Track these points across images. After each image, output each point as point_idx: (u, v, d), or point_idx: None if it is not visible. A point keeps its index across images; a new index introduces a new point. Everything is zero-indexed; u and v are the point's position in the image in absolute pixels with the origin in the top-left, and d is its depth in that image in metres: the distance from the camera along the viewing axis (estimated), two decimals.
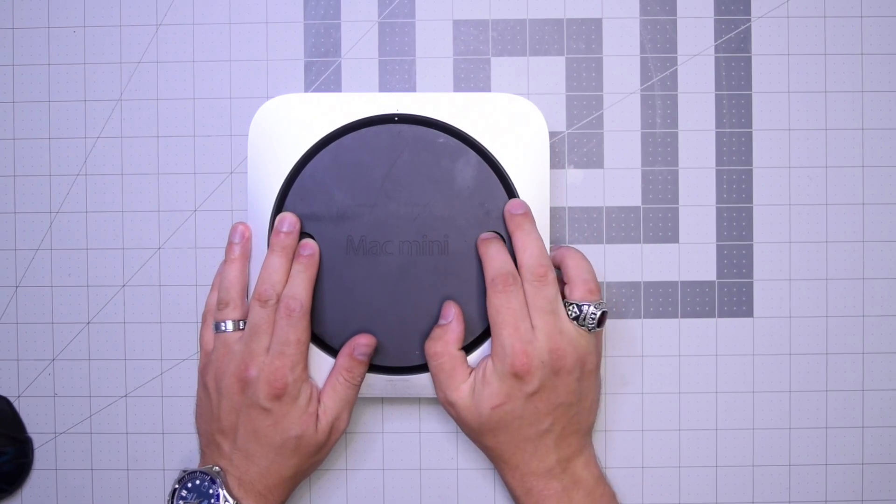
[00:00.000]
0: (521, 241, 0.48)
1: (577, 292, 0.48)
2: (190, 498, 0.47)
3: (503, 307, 0.47)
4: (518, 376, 0.46)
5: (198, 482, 0.47)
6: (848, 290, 0.53)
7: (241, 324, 0.49)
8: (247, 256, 0.50)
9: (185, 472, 0.47)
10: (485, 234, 0.49)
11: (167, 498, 0.47)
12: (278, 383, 0.47)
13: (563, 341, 0.46)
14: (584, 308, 0.47)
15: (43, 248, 0.54)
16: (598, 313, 0.47)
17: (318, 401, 0.49)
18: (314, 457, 0.49)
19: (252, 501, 0.47)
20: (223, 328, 0.49)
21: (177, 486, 0.47)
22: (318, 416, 0.48)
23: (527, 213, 0.49)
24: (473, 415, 0.47)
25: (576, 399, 0.48)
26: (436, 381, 0.49)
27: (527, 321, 0.47)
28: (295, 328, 0.47)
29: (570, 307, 0.47)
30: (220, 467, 0.48)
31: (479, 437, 0.49)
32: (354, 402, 0.50)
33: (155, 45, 0.53)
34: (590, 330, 0.47)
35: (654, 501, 0.53)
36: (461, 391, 0.48)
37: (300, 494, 0.53)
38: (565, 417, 0.48)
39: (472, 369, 0.48)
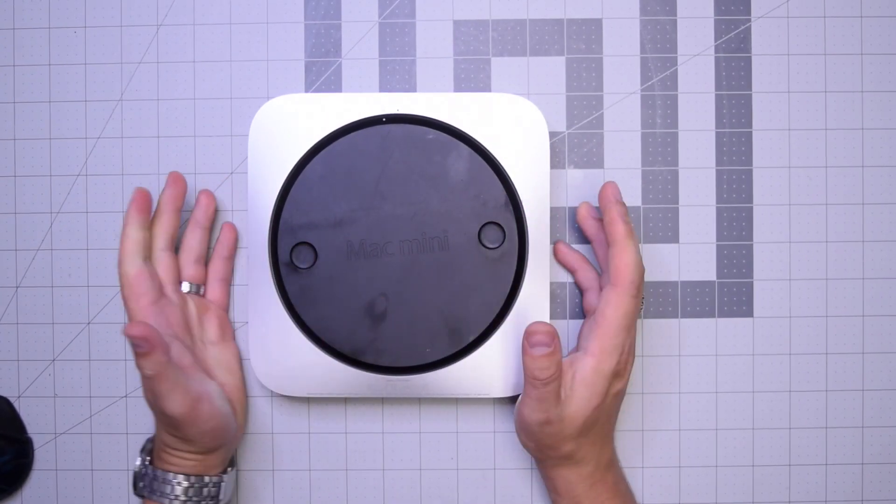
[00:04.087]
0: (631, 260, 0.47)
1: None
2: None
3: (632, 312, 0.47)
4: (617, 375, 0.47)
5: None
6: (848, 290, 0.53)
7: None
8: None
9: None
10: (621, 212, 0.48)
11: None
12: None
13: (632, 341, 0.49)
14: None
15: (43, 249, 0.54)
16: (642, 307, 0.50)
17: None
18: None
19: (155, 454, 0.49)
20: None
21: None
22: None
23: (630, 222, 0.48)
24: (576, 420, 0.46)
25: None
26: (539, 405, 0.46)
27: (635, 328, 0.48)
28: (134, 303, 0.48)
29: None
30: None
31: (563, 443, 0.47)
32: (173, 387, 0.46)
33: (155, 45, 0.53)
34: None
35: (654, 501, 0.53)
36: (560, 401, 0.46)
37: (300, 494, 0.53)
38: (617, 411, 0.50)
39: None
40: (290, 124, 0.50)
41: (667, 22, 0.53)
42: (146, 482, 0.48)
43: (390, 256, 0.50)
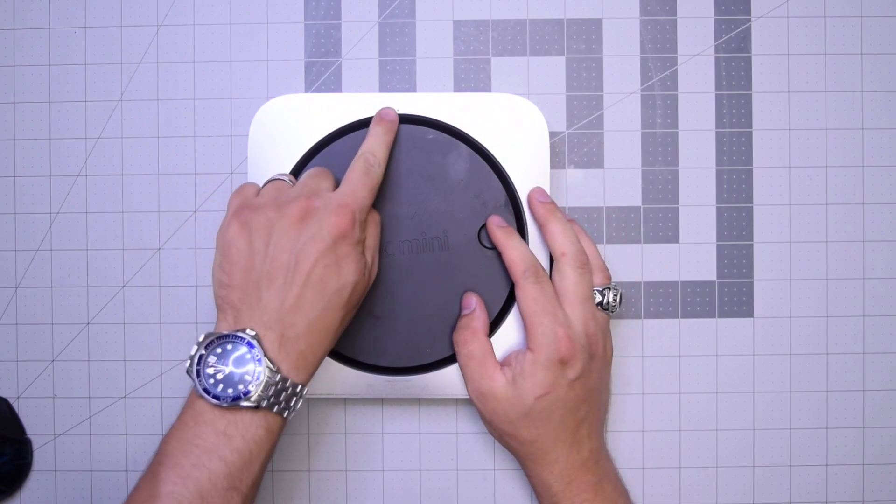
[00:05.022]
0: (559, 229, 0.48)
1: (596, 278, 0.49)
2: (221, 363, 0.40)
3: (541, 296, 0.47)
4: (563, 362, 0.46)
5: (229, 347, 0.40)
6: (848, 290, 0.53)
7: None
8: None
9: (210, 335, 0.41)
10: (497, 222, 0.49)
11: (188, 365, 0.41)
12: (347, 217, 0.43)
13: (595, 326, 0.48)
14: (606, 293, 0.49)
15: (43, 249, 0.54)
16: (619, 296, 0.49)
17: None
18: (356, 308, 0.46)
19: (290, 363, 0.42)
20: (280, 177, 0.47)
21: (203, 351, 0.41)
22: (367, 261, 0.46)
23: (554, 202, 0.49)
24: (516, 406, 0.47)
25: (603, 385, 0.49)
26: (467, 373, 0.48)
27: (560, 309, 0.47)
28: (370, 176, 0.46)
29: (594, 293, 0.49)
30: (255, 329, 0.42)
31: (517, 430, 0.47)
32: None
33: (155, 45, 0.53)
34: (612, 312, 0.49)
35: (654, 502, 0.53)
36: (496, 381, 0.47)
37: (300, 495, 0.53)
38: (595, 405, 0.49)
39: (503, 362, 0.48)
40: (290, 124, 0.50)
41: (667, 22, 0.53)
42: (278, 397, 0.42)
43: (390, 257, 0.50)
